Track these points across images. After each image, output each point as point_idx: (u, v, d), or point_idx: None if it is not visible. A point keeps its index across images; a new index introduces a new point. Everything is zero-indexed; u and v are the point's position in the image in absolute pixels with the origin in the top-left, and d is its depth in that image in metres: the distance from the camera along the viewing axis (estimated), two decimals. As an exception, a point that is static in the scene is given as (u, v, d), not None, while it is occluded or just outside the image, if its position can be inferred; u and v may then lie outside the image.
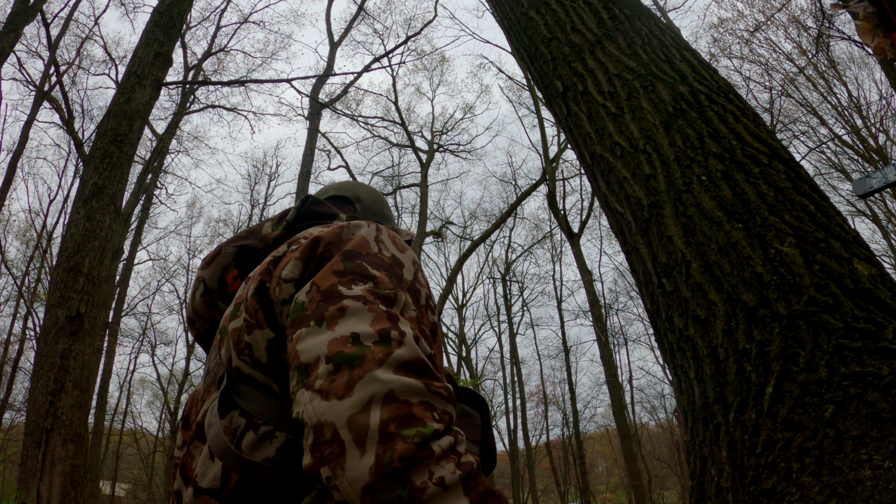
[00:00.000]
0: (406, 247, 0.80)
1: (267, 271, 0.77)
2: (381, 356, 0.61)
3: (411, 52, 20.44)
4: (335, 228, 0.77)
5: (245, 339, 0.75)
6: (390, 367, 0.60)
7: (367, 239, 0.76)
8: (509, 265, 25.56)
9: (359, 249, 0.73)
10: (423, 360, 0.63)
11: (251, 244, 0.90)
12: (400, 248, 0.78)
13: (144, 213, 17.90)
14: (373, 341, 0.62)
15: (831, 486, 1.24)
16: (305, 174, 14.62)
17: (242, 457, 0.68)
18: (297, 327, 0.66)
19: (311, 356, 0.62)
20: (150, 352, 22.51)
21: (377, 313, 0.65)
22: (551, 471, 25.16)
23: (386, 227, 0.81)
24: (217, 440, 0.71)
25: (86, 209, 5.90)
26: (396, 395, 0.59)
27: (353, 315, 0.64)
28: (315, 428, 0.58)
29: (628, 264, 2.05)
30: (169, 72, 7.35)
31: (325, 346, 0.62)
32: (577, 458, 18.38)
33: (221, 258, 0.89)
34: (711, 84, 2.03)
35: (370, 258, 0.73)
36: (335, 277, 0.69)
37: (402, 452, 0.56)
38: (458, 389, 0.88)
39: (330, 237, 0.76)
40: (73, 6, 14.55)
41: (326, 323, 0.64)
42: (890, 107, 14.87)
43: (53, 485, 4.89)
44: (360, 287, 0.68)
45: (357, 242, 0.75)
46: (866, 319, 1.40)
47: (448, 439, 0.60)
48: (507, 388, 26.73)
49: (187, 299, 0.95)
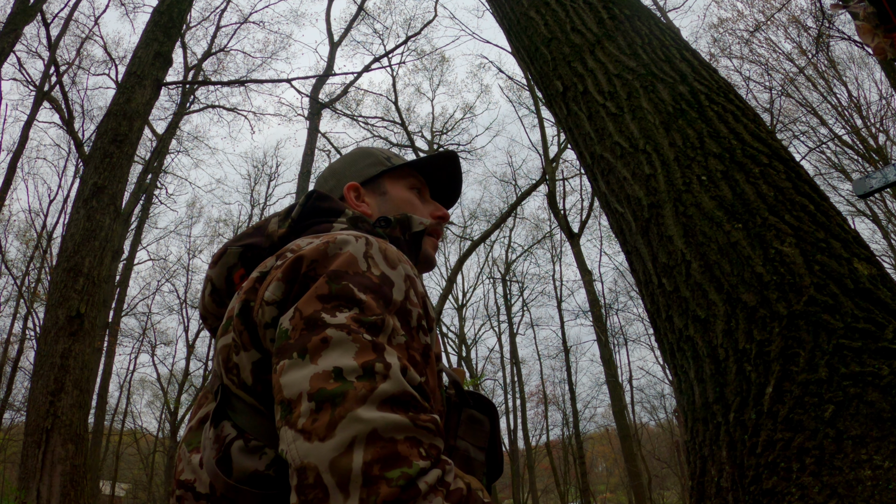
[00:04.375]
0: (398, 261, 0.75)
1: (252, 289, 0.75)
2: (363, 393, 0.59)
3: (411, 52, 20.48)
4: (320, 245, 0.73)
5: (234, 358, 0.74)
6: (374, 403, 0.59)
7: (354, 256, 0.72)
8: (509, 265, 25.56)
9: (345, 269, 0.70)
10: (409, 394, 0.61)
11: (257, 242, 0.88)
12: (391, 265, 0.74)
13: (144, 213, 17.90)
14: (356, 376, 0.60)
15: (831, 486, 1.24)
16: (305, 174, 14.62)
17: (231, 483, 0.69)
18: (280, 357, 0.64)
19: (293, 392, 0.61)
20: (150, 352, 22.52)
21: (362, 344, 0.63)
22: (551, 471, 25.17)
23: (378, 241, 0.76)
24: (209, 466, 0.72)
25: (86, 209, 5.90)
26: (380, 433, 0.57)
27: (336, 347, 0.62)
28: (299, 471, 0.57)
29: (628, 264, 2.05)
30: (169, 72, 7.36)
31: (308, 381, 0.60)
32: (577, 458, 18.38)
33: (227, 258, 0.88)
34: (711, 84, 2.03)
35: (357, 278, 0.69)
36: (319, 303, 0.66)
37: (386, 496, 0.55)
38: (467, 394, 0.86)
39: (314, 255, 0.72)
40: (73, 6, 14.56)
41: (310, 355, 0.62)
42: (890, 107, 14.88)
43: (53, 485, 4.89)
44: (345, 314, 0.65)
45: (344, 261, 0.71)
46: (866, 319, 1.40)
47: (435, 473, 0.59)
48: (507, 388, 26.76)
49: (199, 296, 0.95)
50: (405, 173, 1.08)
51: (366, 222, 0.91)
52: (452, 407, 0.83)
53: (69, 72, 16.05)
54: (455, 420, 0.82)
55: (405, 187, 1.07)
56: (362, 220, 0.91)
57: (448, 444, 0.79)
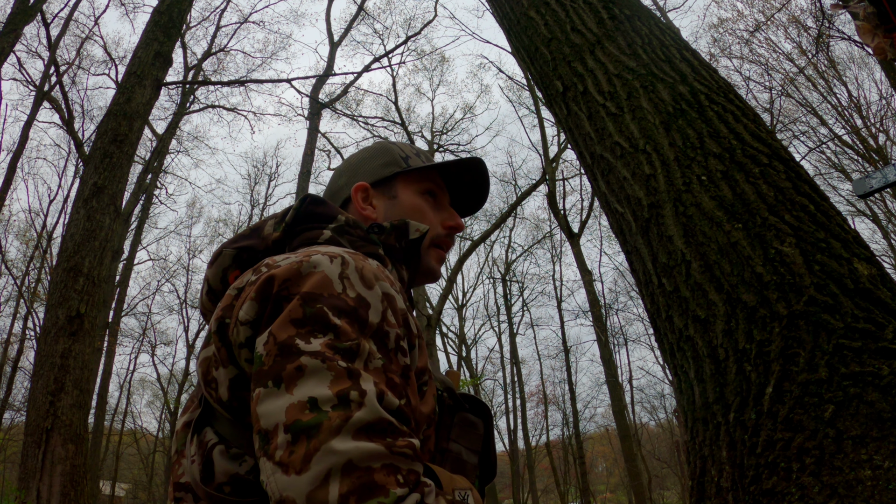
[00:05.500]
0: (375, 280, 0.73)
1: (229, 306, 0.74)
2: (338, 423, 0.59)
3: (411, 52, 20.47)
4: (293, 263, 0.72)
5: (213, 372, 0.74)
6: (349, 433, 0.59)
7: (329, 278, 0.70)
8: (509, 265, 25.57)
9: (320, 291, 0.68)
10: (385, 420, 0.61)
11: (253, 244, 0.87)
12: (367, 284, 0.71)
13: (144, 213, 17.91)
14: (331, 405, 0.60)
15: (831, 486, 1.24)
16: (305, 174, 14.63)
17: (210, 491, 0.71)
18: (256, 385, 0.65)
19: (270, 423, 0.61)
20: (150, 352, 22.55)
21: (336, 371, 0.63)
22: (551, 471, 25.17)
23: (355, 258, 0.74)
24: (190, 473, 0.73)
25: (86, 209, 5.90)
26: (356, 463, 0.57)
27: (311, 376, 0.62)
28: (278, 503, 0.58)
29: (628, 264, 2.05)
30: (169, 72, 7.36)
31: (283, 413, 0.61)
32: (577, 458, 18.39)
33: (222, 259, 0.87)
34: (711, 84, 2.03)
35: (332, 301, 0.68)
36: (293, 328, 0.65)
37: None
38: (462, 397, 0.86)
39: (286, 274, 0.70)
40: (73, 6, 14.57)
41: (285, 384, 0.62)
42: (890, 107, 14.88)
43: (53, 485, 4.89)
44: (320, 341, 0.65)
45: (318, 282, 0.69)
46: (866, 319, 1.40)
47: (413, 498, 0.59)
48: (507, 388, 26.77)
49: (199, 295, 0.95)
50: (421, 177, 1.02)
51: (358, 228, 0.88)
52: (446, 410, 0.82)
53: (69, 72, 16.07)
54: (448, 423, 0.82)
55: (417, 192, 1.01)
56: (354, 227, 0.88)
57: (441, 447, 0.79)
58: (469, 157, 1.01)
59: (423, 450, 0.75)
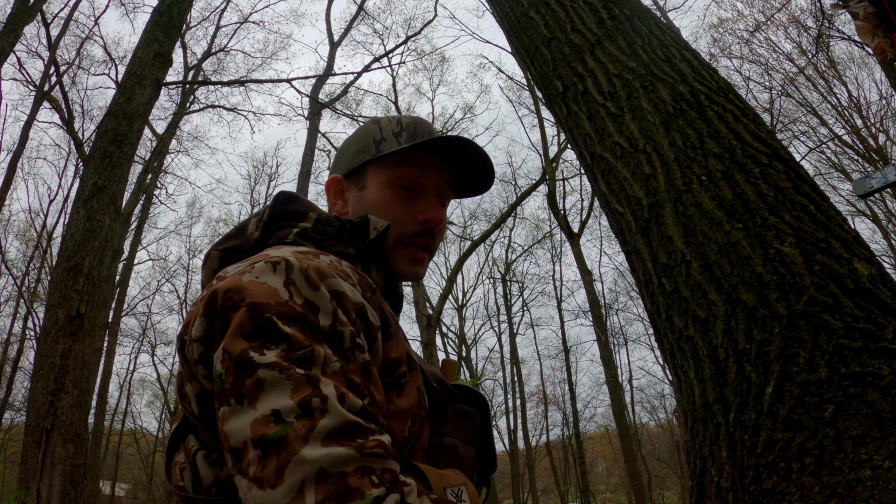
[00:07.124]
0: (320, 280, 0.70)
1: (188, 323, 0.74)
2: (304, 432, 0.59)
3: (411, 52, 20.49)
4: (235, 276, 0.70)
5: (185, 387, 0.74)
6: (317, 441, 0.59)
7: (273, 287, 0.68)
8: (509, 265, 25.56)
9: (266, 300, 0.67)
10: (351, 423, 0.61)
11: (238, 245, 0.87)
12: (313, 286, 0.69)
13: (144, 213, 17.91)
14: (295, 416, 0.60)
15: (831, 486, 1.24)
16: (305, 174, 14.63)
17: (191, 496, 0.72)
18: (220, 403, 0.64)
19: (238, 441, 0.61)
20: (150, 352, 22.51)
21: (295, 381, 0.62)
22: (551, 471, 25.17)
23: (301, 260, 0.71)
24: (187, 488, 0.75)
25: (86, 209, 5.90)
26: (328, 470, 0.57)
27: (270, 388, 0.62)
28: None
29: (628, 264, 2.05)
30: (169, 72, 7.36)
31: (249, 428, 0.60)
32: (577, 458, 18.39)
33: (210, 262, 0.87)
34: (711, 84, 2.03)
35: (280, 309, 0.66)
36: (245, 341, 0.64)
37: None
38: (455, 388, 0.84)
39: (228, 285, 0.69)
40: (73, 6, 14.57)
41: (247, 400, 0.62)
42: (890, 107, 14.88)
43: (53, 485, 4.89)
44: (273, 352, 0.64)
45: (263, 292, 0.68)
46: (866, 319, 1.41)
47: (393, 498, 0.59)
48: (507, 388, 26.76)
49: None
50: (394, 163, 0.93)
51: (330, 226, 0.86)
52: (439, 403, 0.81)
53: (69, 72, 16.07)
54: (443, 416, 0.80)
55: (385, 182, 0.92)
56: (326, 224, 0.85)
57: (435, 442, 0.78)
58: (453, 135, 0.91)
59: (416, 446, 0.75)
